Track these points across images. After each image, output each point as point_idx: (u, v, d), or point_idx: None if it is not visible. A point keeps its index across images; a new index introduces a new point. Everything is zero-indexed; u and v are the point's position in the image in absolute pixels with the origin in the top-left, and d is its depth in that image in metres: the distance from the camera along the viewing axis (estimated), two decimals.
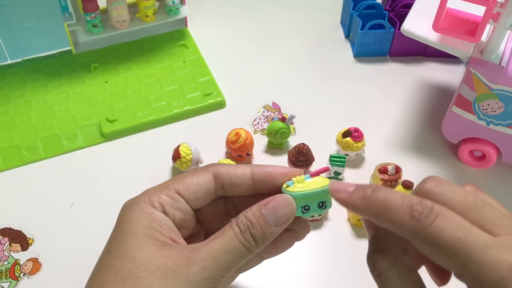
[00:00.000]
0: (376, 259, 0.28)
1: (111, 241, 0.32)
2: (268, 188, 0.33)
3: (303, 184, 0.32)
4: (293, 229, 0.35)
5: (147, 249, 0.30)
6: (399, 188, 0.47)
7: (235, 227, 0.31)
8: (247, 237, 0.30)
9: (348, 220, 0.49)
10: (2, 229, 0.48)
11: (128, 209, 0.32)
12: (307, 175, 0.33)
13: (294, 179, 0.33)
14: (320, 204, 0.32)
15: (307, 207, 0.32)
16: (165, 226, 0.31)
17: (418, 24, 0.51)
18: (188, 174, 0.34)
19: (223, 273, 0.30)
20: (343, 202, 0.30)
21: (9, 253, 0.47)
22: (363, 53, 0.67)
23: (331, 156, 0.51)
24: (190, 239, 0.34)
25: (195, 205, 0.34)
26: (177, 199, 0.33)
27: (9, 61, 0.64)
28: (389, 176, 0.49)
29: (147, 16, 0.64)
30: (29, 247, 0.47)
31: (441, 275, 0.30)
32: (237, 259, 0.30)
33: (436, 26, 0.48)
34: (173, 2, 0.65)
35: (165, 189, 0.33)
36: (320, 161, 0.53)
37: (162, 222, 0.31)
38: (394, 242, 0.29)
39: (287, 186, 0.32)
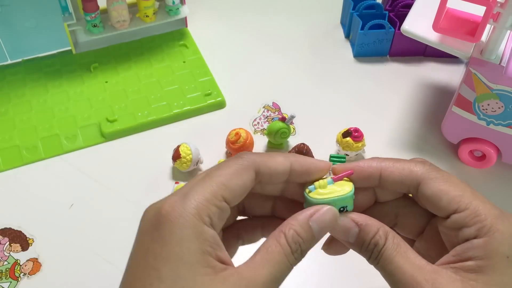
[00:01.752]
0: (376, 237, 0.30)
1: (160, 266, 0.28)
2: (301, 179, 0.33)
3: (326, 190, 0.32)
4: None
5: (204, 282, 0.28)
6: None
7: (285, 246, 0.30)
8: (297, 256, 0.30)
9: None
10: (2, 229, 0.48)
11: (175, 225, 0.28)
12: (330, 179, 0.32)
13: (316, 183, 0.32)
14: (341, 209, 0.32)
15: None
16: (214, 245, 0.29)
17: (418, 24, 0.51)
18: (232, 174, 0.31)
19: None
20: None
21: (9, 253, 0.47)
22: (363, 53, 0.67)
23: (331, 156, 0.51)
24: None
25: (233, 205, 0.32)
26: (224, 208, 0.30)
27: (9, 61, 0.64)
28: None
29: (147, 16, 0.64)
30: (29, 247, 0.47)
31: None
32: (283, 281, 0.30)
33: (436, 26, 0.48)
34: (173, 2, 0.65)
35: (214, 198, 0.30)
36: None
37: (212, 241, 0.29)
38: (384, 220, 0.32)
39: (309, 192, 0.32)
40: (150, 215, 0.30)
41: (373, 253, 0.31)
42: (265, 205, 0.36)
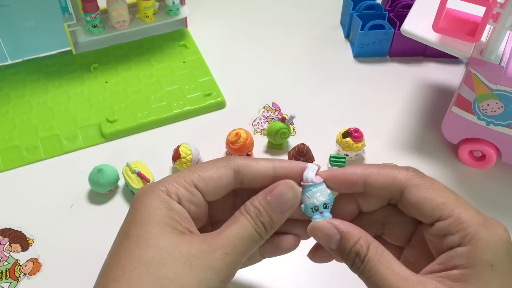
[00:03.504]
0: (357, 246, 0.31)
1: (129, 228, 0.31)
2: None
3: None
4: (297, 234, 0.36)
5: (170, 236, 0.30)
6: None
7: (246, 214, 0.32)
8: (258, 224, 0.31)
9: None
10: (2, 229, 0.49)
11: (145, 196, 0.32)
12: (136, 170, 0.38)
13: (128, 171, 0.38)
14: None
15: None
16: (183, 217, 0.31)
17: (418, 24, 0.51)
18: (208, 166, 0.33)
19: (241, 259, 0.31)
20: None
21: (9, 254, 0.47)
22: (363, 54, 0.67)
23: (331, 156, 0.51)
24: (200, 230, 0.34)
25: (211, 199, 0.33)
26: (194, 193, 0.32)
27: (9, 61, 0.64)
28: None
29: (147, 16, 0.64)
30: (29, 247, 0.47)
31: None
32: (251, 245, 0.31)
33: (436, 27, 0.48)
34: (173, 3, 0.65)
35: (183, 182, 0.32)
36: (320, 161, 0.53)
37: (181, 213, 0.31)
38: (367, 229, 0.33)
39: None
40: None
41: (354, 262, 0.31)
42: None
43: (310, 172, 0.33)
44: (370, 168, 0.33)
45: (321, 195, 0.32)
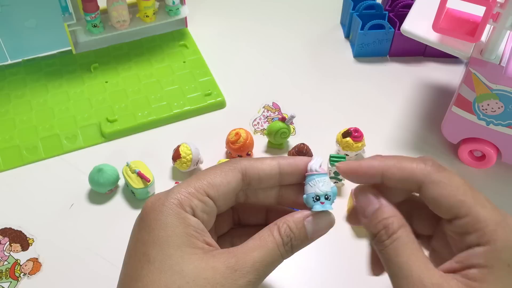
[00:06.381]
0: (388, 221, 0.30)
1: (148, 250, 0.30)
2: (292, 179, 0.34)
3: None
4: None
5: (192, 260, 0.29)
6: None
7: (278, 237, 0.31)
8: (287, 249, 0.31)
9: (347, 219, 0.49)
10: (2, 229, 0.49)
11: (159, 213, 0.31)
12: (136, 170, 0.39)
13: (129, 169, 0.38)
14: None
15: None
16: (199, 230, 0.31)
17: (418, 24, 0.51)
18: (216, 172, 0.33)
19: (260, 282, 0.30)
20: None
21: (9, 253, 0.47)
22: (363, 53, 0.67)
23: (331, 156, 0.51)
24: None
25: (222, 204, 0.33)
26: (207, 202, 0.32)
27: (9, 61, 0.64)
28: None
29: (147, 16, 0.64)
30: (29, 247, 0.47)
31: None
32: (272, 269, 0.31)
33: (436, 26, 0.48)
34: (173, 2, 0.65)
35: (195, 191, 0.32)
36: None
37: (196, 226, 0.31)
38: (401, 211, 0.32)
39: None
40: (141, 211, 0.32)
41: (380, 233, 0.31)
42: (259, 215, 0.36)
43: (315, 162, 0.33)
44: (388, 160, 0.32)
45: (323, 185, 0.32)
